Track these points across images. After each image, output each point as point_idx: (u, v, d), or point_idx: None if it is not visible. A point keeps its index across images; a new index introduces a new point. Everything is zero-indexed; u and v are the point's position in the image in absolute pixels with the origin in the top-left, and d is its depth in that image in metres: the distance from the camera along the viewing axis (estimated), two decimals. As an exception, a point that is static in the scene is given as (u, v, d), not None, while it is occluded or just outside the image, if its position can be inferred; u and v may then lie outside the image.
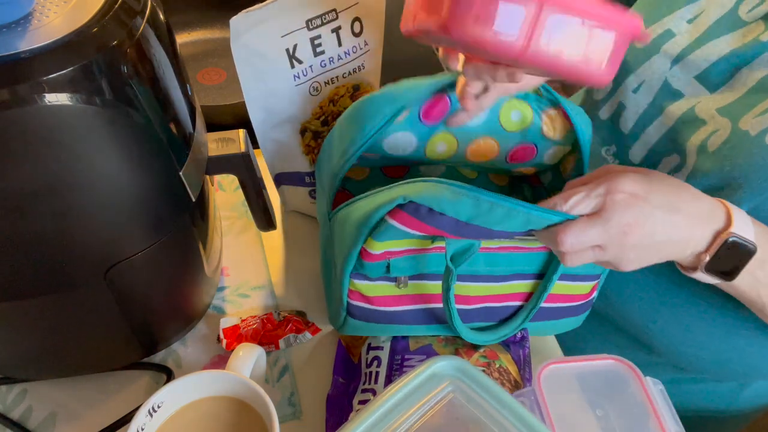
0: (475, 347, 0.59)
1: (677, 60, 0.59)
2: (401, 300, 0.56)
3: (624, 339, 0.70)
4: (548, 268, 0.57)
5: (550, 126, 0.56)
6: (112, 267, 0.46)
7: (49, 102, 0.35)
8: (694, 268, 0.50)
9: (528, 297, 0.59)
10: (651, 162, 0.61)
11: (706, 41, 0.58)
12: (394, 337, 0.60)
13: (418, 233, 0.50)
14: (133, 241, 0.46)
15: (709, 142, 0.55)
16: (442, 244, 0.53)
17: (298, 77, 0.63)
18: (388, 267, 0.53)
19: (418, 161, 0.60)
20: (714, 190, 0.54)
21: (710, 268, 0.49)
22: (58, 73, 0.35)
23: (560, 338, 0.67)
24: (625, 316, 0.68)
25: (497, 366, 0.58)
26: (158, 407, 0.48)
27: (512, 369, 0.59)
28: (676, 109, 0.59)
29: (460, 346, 0.59)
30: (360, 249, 0.51)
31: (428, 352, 0.58)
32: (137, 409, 0.47)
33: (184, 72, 0.49)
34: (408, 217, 0.48)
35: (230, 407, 0.50)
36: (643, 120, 0.62)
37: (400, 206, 0.48)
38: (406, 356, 0.58)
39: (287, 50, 0.60)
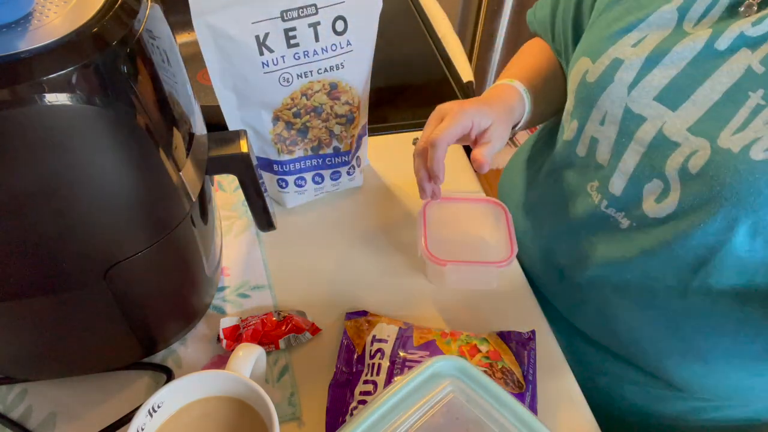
0: (479, 348, 0.59)
1: (633, 84, 0.58)
2: None
3: (641, 375, 0.69)
4: None
5: None
6: (112, 267, 0.46)
7: (49, 102, 0.35)
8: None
9: None
10: (634, 191, 0.60)
11: (658, 61, 0.57)
12: (400, 329, 0.60)
13: None
14: (133, 241, 0.46)
15: (689, 165, 0.54)
16: None
17: (267, 65, 0.62)
18: None
19: None
20: (711, 212, 0.53)
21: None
22: (58, 73, 0.35)
23: (575, 371, 0.64)
24: (639, 355, 0.67)
25: (500, 366, 0.58)
26: (158, 407, 0.48)
27: (515, 370, 0.59)
28: (644, 133, 0.58)
29: (463, 344, 0.59)
30: None
31: (432, 349, 0.58)
32: (137, 409, 0.47)
33: (184, 72, 0.49)
34: None
35: (230, 407, 0.50)
36: (618, 150, 0.61)
37: None
38: (410, 351, 0.58)
39: (257, 37, 0.60)
